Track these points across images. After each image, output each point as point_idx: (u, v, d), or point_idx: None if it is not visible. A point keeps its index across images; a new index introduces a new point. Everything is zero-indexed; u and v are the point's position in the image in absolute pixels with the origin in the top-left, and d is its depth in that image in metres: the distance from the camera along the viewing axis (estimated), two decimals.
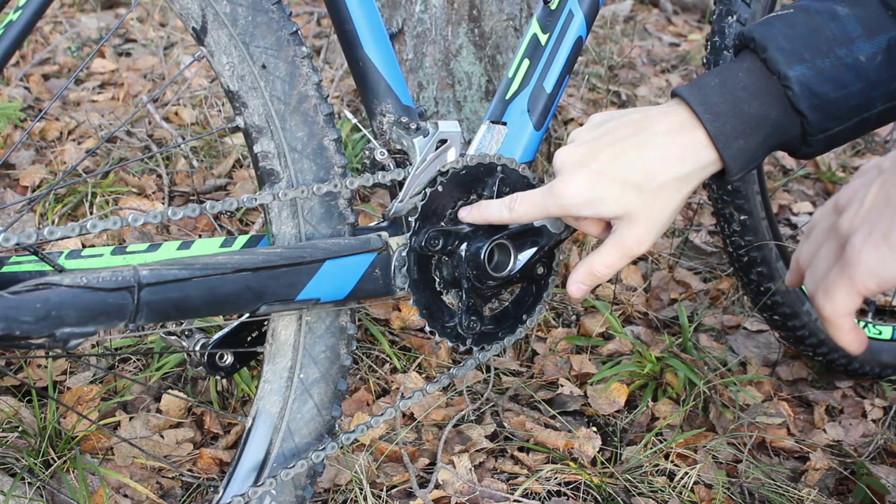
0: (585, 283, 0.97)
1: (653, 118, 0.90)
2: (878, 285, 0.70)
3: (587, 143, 0.93)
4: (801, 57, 0.85)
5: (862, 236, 0.70)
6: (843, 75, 0.85)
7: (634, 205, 0.90)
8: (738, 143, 0.87)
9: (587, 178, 0.91)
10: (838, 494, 1.44)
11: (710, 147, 0.87)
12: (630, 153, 0.89)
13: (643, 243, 0.92)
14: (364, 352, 1.63)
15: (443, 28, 1.93)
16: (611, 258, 0.94)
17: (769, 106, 0.87)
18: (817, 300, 0.74)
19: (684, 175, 0.89)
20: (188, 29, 0.99)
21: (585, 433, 1.48)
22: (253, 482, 1.07)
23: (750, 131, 0.87)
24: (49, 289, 0.82)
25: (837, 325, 0.74)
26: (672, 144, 0.88)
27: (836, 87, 0.85)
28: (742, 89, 0.87)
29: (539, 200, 0.96)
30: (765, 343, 1.78)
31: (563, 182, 0.92)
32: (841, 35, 0.86)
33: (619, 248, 0.93)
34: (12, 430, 1.37)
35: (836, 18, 0.86)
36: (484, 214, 1.03)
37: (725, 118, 0.87)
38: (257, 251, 0.97)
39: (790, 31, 0.86)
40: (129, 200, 1.95)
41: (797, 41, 0.86)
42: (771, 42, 0.86)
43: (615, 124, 0.92)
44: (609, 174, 0.90)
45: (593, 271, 0.95)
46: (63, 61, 2.65)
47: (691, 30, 3.58)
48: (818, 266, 0.75)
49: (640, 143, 0.89)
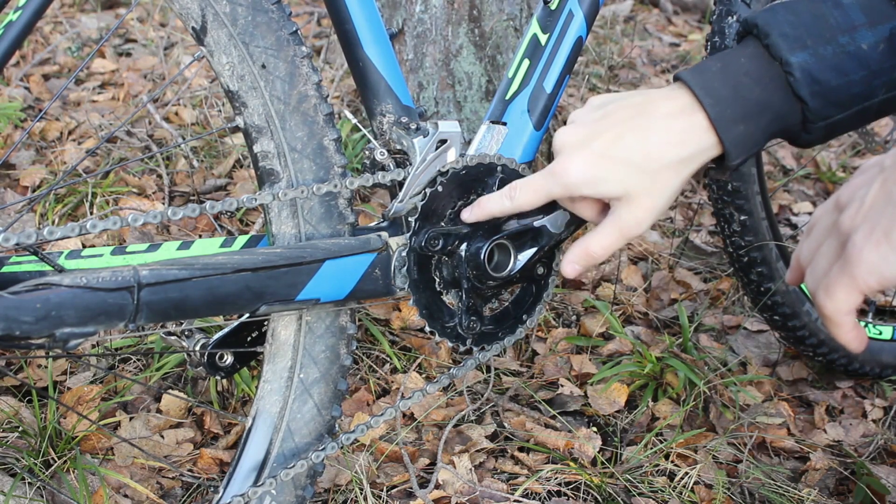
0: (579, 262, 0.97)
1: (655, 101, 0.91)
2: (879, 283, 0.70)
3: (588, 124, 0.93)
4: (804, 43, 0.85)
5: (863, 234, 0.70)
6: (845, 63, 0.85)
7: (635, 185, 0.90)
8: (738, 128, 0.87)
9: (588, 157, 0.91)
10: (838, 494, 1.44)
11: (711, 131, 0.87)
12: (631, 135, 0.90)
13: (641, 224, 0.92)
14: (364, 352, 1.63)
15: (443, 28, 1.93)
16: (608, 238, 0.94)
17: (771, 91, 0.87)
18: (818, 298, 0.74)
19: (685, 157, 0.89)
20: (188, 29, 0.99)
21: (585, 433, 1.48)
22: (253, 482, 1.07)
23: (751, 116, 0.87)
24: (49, 289, 0.82)
25: (839, 323, 0.74)
26: (673, 127, 0.89)
27: (838, 74, 0.85)
28: (744, 74, 0.87)
29: (540, 183, 0.96)
30: (765, 343, 1.78)
31: (563, 162, 0.93)
32: (844, 23, 0.86)
33: (617, 229, 0.93)
34: (12, 430, 1.37)
35: (840, 6, 0.86)
36: (485, 209, 1.03)
37: (726, 103, 0.87)
38: (257, 251, 0.97)
39: (793, 17, 0.87)
40: (129, 200, 1.96)
41: (800, 28, 0.86)
42: (774, 28, 0.86)
43: (616, 106, 0.93)
44: (610, 154, 0.90)
45: (589, 251, 0.95)
46: (63, 61, 2.65)
47: (691, 30, 3.58)
48: (819, 264, 0.75)
49: (641, 126, 0.90)
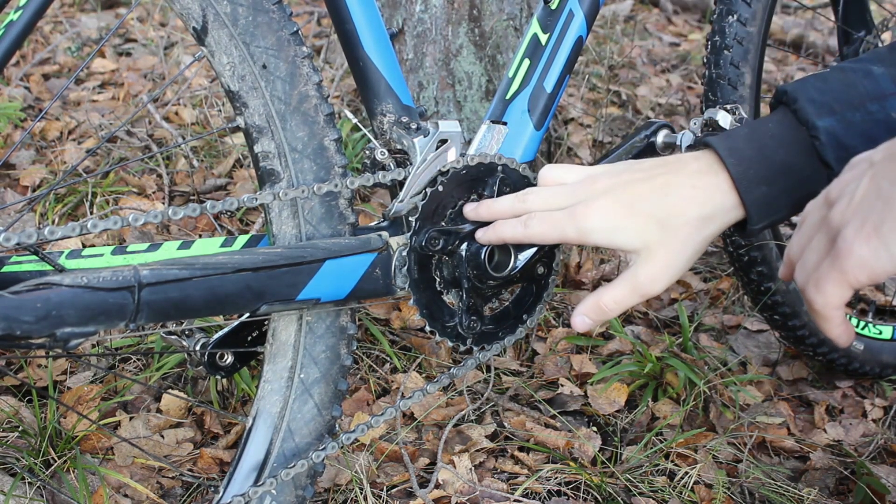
0: (591, 316, 0.94)
1: (682, 160, 0.91)
2: (869, 278, 0.70)
3: (613, 175, 0.93)
4: (832, 109, 0.85)
5: (853, 229, 0.70)
6: (873, 130, 0.85)
7: (653, 239, 0.89)
8: (760, 190, 0.86)
9: (611, 206, 0.91)
10: (838, 494, 1.44)
11: (732, 190, 0.87)
12: (655, 190, 0.90)
13: (657, 282, 0.90)
14: (364, 352, 1.63)
15: (443, 28, 1.93)
16: (621, 293, 0.92)
17: (795, 155, 0.86)
18: (808, 293, 0.74)
19: (706, 215, 0.88)
20: (189, 29, 0.99)
21: (586, 433, 1.48)
22: (253, 482, 1.07)
23: (774, 178, 0.86)
24: (49, 289, 0.82)
25: (828, 317, 0.74)
26: (696, 184, 0.88)
27: (866, 141, 0.84)
28: (770, 137, 0.87)
29: (558, 220, 0.94)
30: (765, 343, 1.78)
31: (586, 206, 0.92)
32: (874, 91, 0.86)
33: (632, 285, 0.91)
34: (12, 429, 1.37)
35: (871, 76, 0.86)
36: (499, 233, 1.01)
37: (749, 163, 0.86)
38: (258, 251, 0.97)
39: (822, 84, 0.87)
40: (129, 200, 1.96)
41: (829, 94, 0.86)
42: (802, 94, 0.87)
43: (649, 164, 0.93)
44: (633, 206, 0.90)
45: (601, 305, 0.93)
46: (63, 61, 2.65)
47: (691, 30, 3.58)
48: (809, 259, 0.75)
49: (666, 182, 0.89)
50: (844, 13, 1.63)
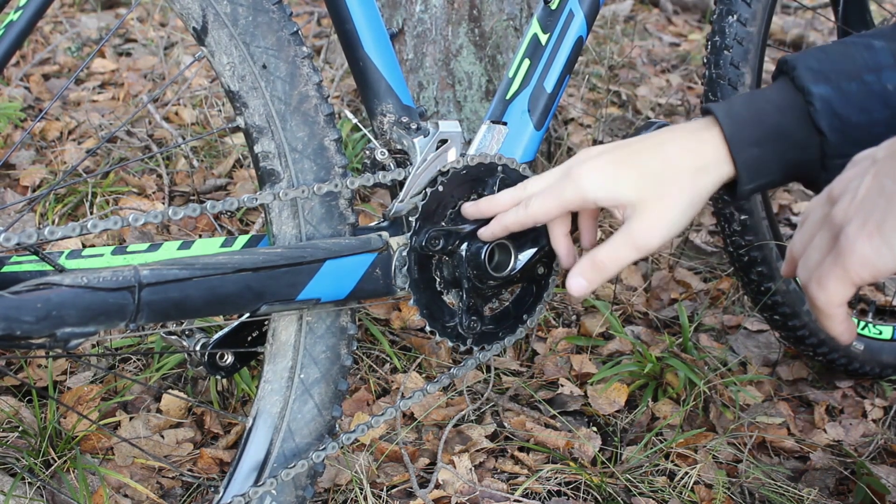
0: (587, 276, 0.92)
1: (681, 125, 0.93)
2: (871, 275, 0.70)
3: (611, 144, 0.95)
4: (828, 77, 0.86)
5: (856, 226, 0.70)
6: (868, 101, 0.85)
7: (649, 191, 0.90)
8: (752, 151, 0.88)
9: (604, 163, 0.92)
10: (838, 494, 1.44)
11: (724, 146, 0.88)
12: (653, 148, 0.92)
13: (654, 235, 0.90)
14: (364, 352, 1.63)
15: (443, 28, 1.93)
16: (617, 248, 0.91)
17: (790, 119, 0.87)
18: (810, 290, 0.75)
19: (699, 166, 0.89)
20: (189, 29, 0.99)
21: (586, 433, 1.48)
22: (253, 482, 1.07)
23: (766, 141, 0.87)
24: (50, 289, 0.82)
25: (830, 315, 0.75)
26: (689, 138, 0.90)
27: (860, 111, 0.85)
28: (766, 102, 0.89)
29: (553, 188, 0.95)
30: (765, 343, 1.78)
31: (579, 167, 0.93)
32: (872, 62, 0.87)
33: (628, 238, 0.90)
34: (12, 430, 1.37)
35: (871, 49, 0.88)
36: (503, 224, 1.01)
37: (743, 124, 0.88)
38: (258, 251, 0.97)
39: (822, 54, 0.88)
40: (129, 200, 1.96)
41: (827, 63, 0.87)
42: (801, 62, 0.88)
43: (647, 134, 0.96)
44: (626, 161, 0.92)
45: (597, 263, 0.91)
46: (63, 61, 2.65)
47: (691, 30, 3.58)
48: (811, 256, 0.75)
49: (660, 140, 0.92)
50: (844, 13, 1.63)
